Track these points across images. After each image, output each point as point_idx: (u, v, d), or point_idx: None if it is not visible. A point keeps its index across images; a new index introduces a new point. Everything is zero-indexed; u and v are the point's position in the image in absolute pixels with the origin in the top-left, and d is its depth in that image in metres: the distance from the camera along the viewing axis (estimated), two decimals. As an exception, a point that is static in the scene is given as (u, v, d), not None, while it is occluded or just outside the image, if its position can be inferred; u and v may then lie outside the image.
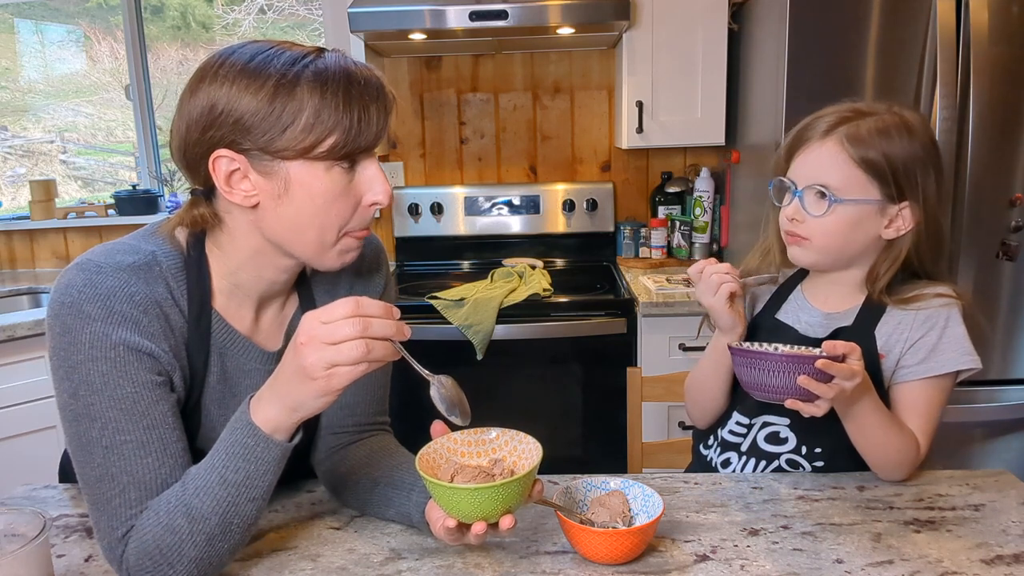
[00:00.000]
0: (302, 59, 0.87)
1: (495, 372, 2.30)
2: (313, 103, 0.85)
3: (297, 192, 0.89)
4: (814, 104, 1.19)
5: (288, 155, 0.87)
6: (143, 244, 0.94)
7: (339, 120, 0.86)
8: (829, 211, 1.10)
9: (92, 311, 0.86)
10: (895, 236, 1.12)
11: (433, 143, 2.95)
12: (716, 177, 2.77)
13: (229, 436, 0.85)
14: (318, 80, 0.86)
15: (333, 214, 0.91)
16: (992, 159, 2.00)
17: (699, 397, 1.29)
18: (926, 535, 0.99)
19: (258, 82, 0.85)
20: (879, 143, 1.08)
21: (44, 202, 2.93)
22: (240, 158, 0.87)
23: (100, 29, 3.23)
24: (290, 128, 0.85)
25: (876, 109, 1.12)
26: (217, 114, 0.86)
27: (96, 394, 0.86)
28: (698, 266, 1.17)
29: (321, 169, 0.88)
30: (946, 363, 1.11)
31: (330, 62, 0.88)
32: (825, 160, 1.10)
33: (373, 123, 0.88)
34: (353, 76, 0.88)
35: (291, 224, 0.91)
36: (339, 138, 0.87)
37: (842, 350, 0.99)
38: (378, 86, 0.90)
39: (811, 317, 1.21)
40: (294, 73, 0.86)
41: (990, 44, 1.94)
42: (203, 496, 0.84)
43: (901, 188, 1.09)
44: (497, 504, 0.83)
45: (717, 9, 2.46)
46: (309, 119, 0.85)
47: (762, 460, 1.21)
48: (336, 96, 0.86)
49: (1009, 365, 2.10)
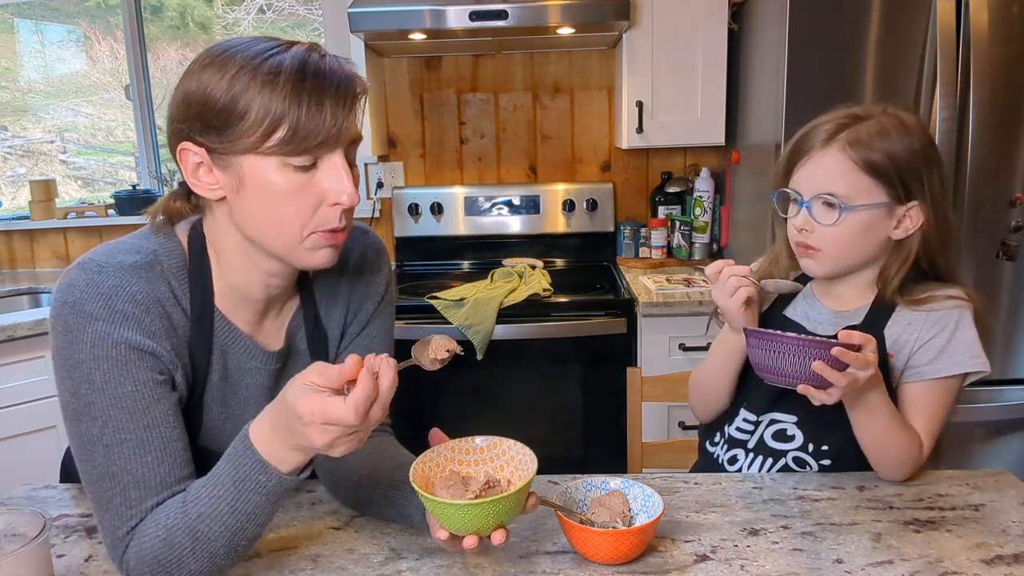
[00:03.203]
0: (267, 52, 0.85)
1: (495, 372, 2.30)
2: (263, 96, 0.83)
3: (251, 188, 0.88)
4: (814, 104, 1.19)
5: (240, 149, 0.85)
6: (145, 243, 0.94)
7: (285, 112, 0.83)
8: (840, 219, 1.09)
9: (94, 310, 0.86)
10: (904, 236, 1.12)
11: (433, 143, 2.95)
12: (716, 177, 2.77)
13: (236, 470, 0.82)
14: (271, 72, 0.83)
15: (290, 212, 0.88)
16: (992, 159, 2.00)
17: (704, 393, 1.30)
18: (926, 535, 0.99)
19: (219, 73, 0.85)
20: (880, 144, 1.08)
21: (44, 202, 2.93)
22: (201, 151, 0.87)
23: (100, 29, 3.23)
24: (242, 121, 0.84)
25: (872, 112, 1.12)
26: (187, 105, 0.86)
27: (97, 393, 0.86)
28: (716, 266, 1.16)
29: (273, 164, 0.86)
30: (954, 365, 1.12)
31: (291, 55, 0.85)
32: (830, 168, 1.10)
33: (325, 116, 0.84)
34: (308, 69, 0.84)
35: (252, 219, 0.90)
36: (287, 132, 0.83)
37: (858, 340, 0.99)
38: (342, 79, 0.86)
39: (820, 315, 1.21)
40: (253, 66, 0.84)
41: (990, 44, 1.94)
42: (210, 522, 0.83)
43: (907, 188, 1.09)
44: (488, 519, 0.82)
45: (717, 9, 2.46)
46: (259, 112, 0.83)
47: (769, 457, 1.21)
48: (285, 88, 0.83)
49: (1009, 365, 2.10)
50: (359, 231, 1.13)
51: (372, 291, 1.13)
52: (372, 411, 0.77)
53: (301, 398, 0.76)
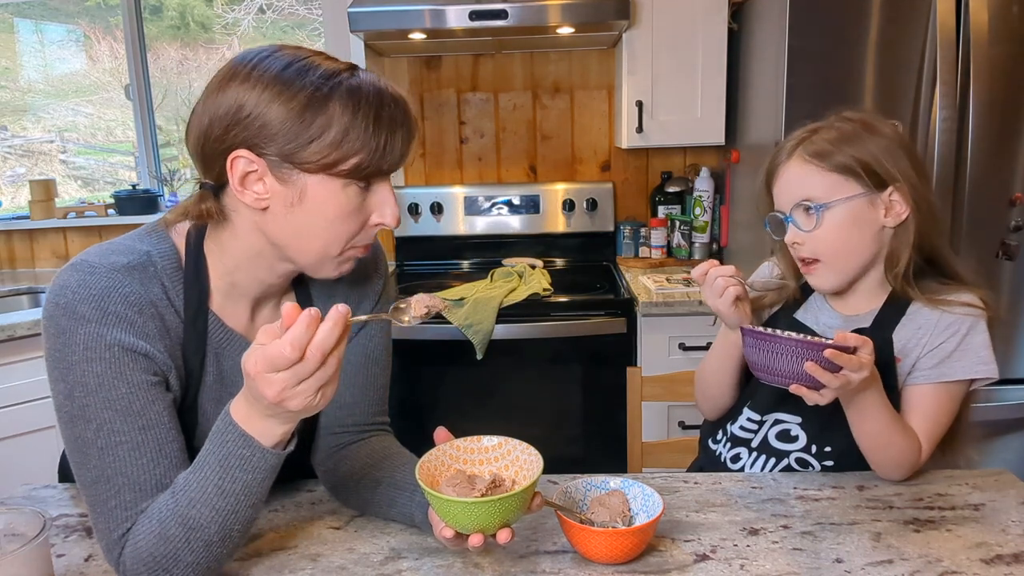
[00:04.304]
0: (337, 75, 0.87)
1: (495, 372, 2.30)
2: (343, 121, 0.85)
3: (311, 204, 0.89)
4: (814, 104, 1.20)
5: (309, 168, 0.87)
6: (138, 244, 0.94)
7: (366, 142, 0.86)
8: (819, 221, 1.12)
9: (86, 312, 0.86)
10: (897, 222, 1.13)
11: (433, 143, 2.95)
12: (716, 177, 2.77)
13: (220, 448, 0.82)
14: (352, 98, 0.86)
15: (342, 230, 0.91)
16: (992, 159, 2.00)
17: (708, 390, 1.31)
18: (926, 534, 0.99)
19: (291, 91, 0.85)
20: (837, 143, 1.12)
21: (44, 202, 2.93)
22: (260, 161, 0.87)
23: (100, 29, 3.23)
24: (316, 141, 0.85)
25: (828, 121, 1.16)
26: (244, 115, 0.85)
27: (91, 395, 0.86)
28: (701, 268, 1.18)
29: (339, 186, 0.88)
30: (959, 370, 1.12)
31: (364, 81, 0.88)
32: (796, 178, 1.14)
33: (398, 149, 0.89)
34: (385, 99, 0.88)
35: (298, 233, 0.91)
36: (363, 159, 0.87)
37: (854, 342, 0.99)
38: (406, 112, 0.90)
39: (830, 319, 1.21)
40: (329, 87, 0.85)
41: (990, 44, 1.94)
42: (200, 507, 0.83)
43: (877, 175, 1.11)
44: (494, 518, 0.83)
45: (717, 9, 2.46)
46: (337, 136, 0.85)
47: (772, 457, 1.22)
48: (367, 117, 0.86)
49: (1009, 365, 2.10)
50: None
51: (369, 291, 1.13)
52: (310, 351, 0.74)
53: (248, 357, 0.77)
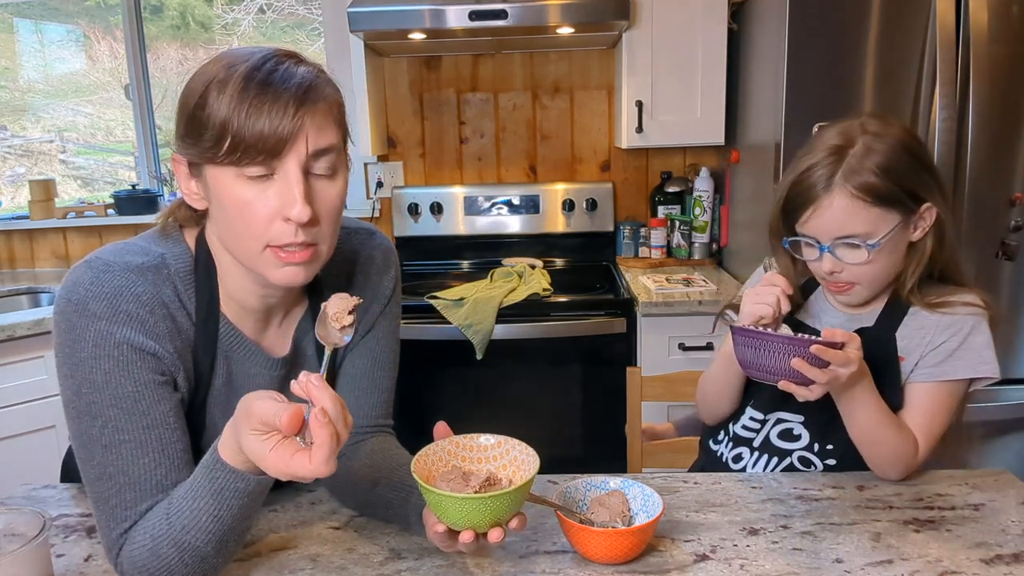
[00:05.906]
0: (239, 60, 0.84)
1: (495, 372, 2.30)
2: (217, 103, 0.82)
3: (215, 198, 0.87)
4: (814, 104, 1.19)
5: (205, 159, 0.85)
6: (153, 246, 0.94)
7: (229, 119, 0.81)
8: (871, 257, 1.10)
9: (97, 309, 0.86)
10: (921, 236, 1.13)
11: (433, 143, 2.95)
12: (716, 177, 2.77)
13: (213, 483, 0.81)
14: (226, 80, 0.82)
15: (242, 224, 0.86)
16: (992, 159, 2.00)
17: (708, 398, 1.31)
18: (926, 535, 0.99)
19: (195, 81, 0.85)
20: (884, 176, 1.06)
21: (43, 202, 2.93)
22: (181, 159, 0.88)
23: (99, 29, 3.23)
24: (205, 129, 0.83)
25: (849, 133, 1.10)
26: (176, 114, 0.87)
27: (98, 392, 0.86)
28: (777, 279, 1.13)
29: (231, 175, 0.84)
30: (959, 370, 1.13)
31: (249, 62, 0.83)
32: (840, 213, 1.08)
33: (263, 120, 0.80)
34: (257, 76, 0.82)
35: (220, 230, 0.91)
36: (232, 140, 0.81)
37: (841, 338, 1.00)
38: (290, 86, 0.82)
39: (833, 319, 1.22)
40: (222, 76, 0.83)
41: (990, 44, 1.94)
42: (196, 532, 0.83)
43: (914, 194, 1.09)
44: (485, 515, 0.82)
45: (717, 9, 2.46)
46: (212, 120, 0.82)
47: (774, 456, 1.22)
48: (232, 95, 0.81)
49: (1009, 365, 2.10)
50: (366, 233, 1.13)
51: (379, 294, 1.12)
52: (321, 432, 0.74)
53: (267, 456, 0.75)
